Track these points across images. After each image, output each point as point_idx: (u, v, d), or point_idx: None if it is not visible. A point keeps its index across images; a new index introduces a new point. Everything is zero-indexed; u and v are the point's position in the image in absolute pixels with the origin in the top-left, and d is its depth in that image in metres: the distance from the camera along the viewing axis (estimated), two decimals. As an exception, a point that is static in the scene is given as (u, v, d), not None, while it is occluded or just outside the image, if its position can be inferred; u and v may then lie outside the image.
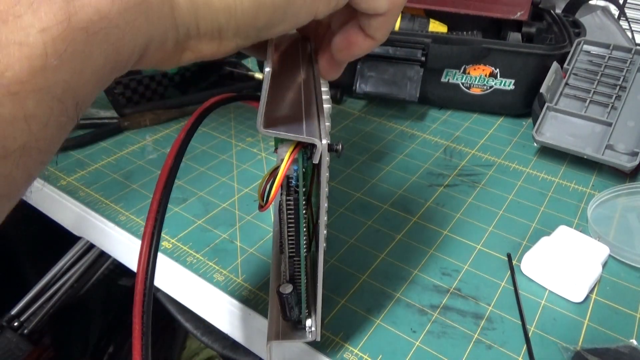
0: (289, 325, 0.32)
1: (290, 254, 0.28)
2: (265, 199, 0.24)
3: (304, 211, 0.26)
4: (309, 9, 0.22)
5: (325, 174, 0.24)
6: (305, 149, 0.24)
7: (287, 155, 0.23)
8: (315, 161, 0.23)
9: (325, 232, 0.27)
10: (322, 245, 0.27)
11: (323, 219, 0.26)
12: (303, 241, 0.27)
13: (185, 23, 0.20)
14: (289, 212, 0.26)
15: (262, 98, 0.22)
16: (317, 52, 0.30)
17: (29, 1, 0.15)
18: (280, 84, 0.26)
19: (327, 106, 0.29)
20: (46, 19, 0.15)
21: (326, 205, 0.26)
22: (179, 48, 0.22)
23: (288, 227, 0.27)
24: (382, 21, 0.25)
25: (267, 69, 0.23)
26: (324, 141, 0.22)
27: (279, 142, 0.24)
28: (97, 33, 0.17)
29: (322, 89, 0.28)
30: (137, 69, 0.21)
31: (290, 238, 0.27)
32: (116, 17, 0.17)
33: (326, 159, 0.24)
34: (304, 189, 0.26)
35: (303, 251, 0.28)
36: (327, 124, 0.31)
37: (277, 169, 0.24)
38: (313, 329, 0.31)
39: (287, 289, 0.28)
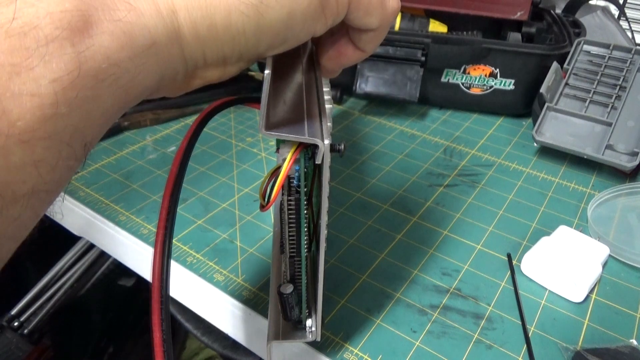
0: (289, 325, 0.32)
1: (291, 254, 0.28)
2: (266, 199, 0.24)
3: (305, 211, 0.26)
4: (307, 30, 0.23)
5: (326, 175, 0.24)
6: (307, 149, 0.24)
7: (289, 156, 0.23)
8: (318, 161, 0.23)
9: (325, 232, 0.27)
10: (322, 245, 0.27)
11: (324, 219, 0.26)
12: (304, 241, 0.27)
13: (194, 58, 0.21)
14: (290, 212, 0.26)
15: (262, 100, 0.22)
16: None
17: (41, 53, 0.15)
18: (282, 84, 0.26)
19: (328, 106, 0.29)
20: (57, 69, 0.16)
21: (327, 205, 0.26)
22: (187, 78, 0.23)
23: (289, 227, 0.27)
24: (373, 36, 0.26)
25: (267, 72, 0.23)
26: (326, 142, 0.22)
27: (280, 142, 0.24)
28: (107, 79, 0.17)
29: (324, 89, 0.28)
30: (148, 99, 0.21)
31: (291, 238, 0.27)
32: (126, 62, 0.18)
33: (328, 159, 0.24)
34: (305, 189, 0.26)
35: (304, 251, 0.28)
36: (329, 124, 0.31)
37: (278, 169, 0.24)
38: (313, 329, 0.31)
39: (288, 289, 0.28)
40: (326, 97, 0.28)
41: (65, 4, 0.16)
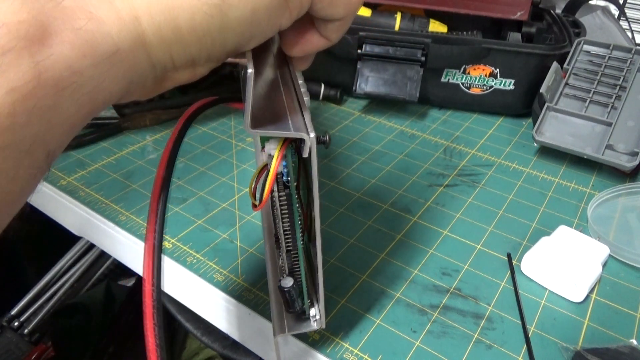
0: (292, 318, 0.32)
1: (288, 248, 0.28)
2: (258, 198, 0.25)
3: (297, 205, 0.27)
4: (273, 25, 0.23)
5: (315, 167, 0.25)
6: (291, 144, 0.25)
7: (276, 153, 0.24)
8: (305, 155, 0.24)
9: (319, 222, 0.27)
10: (318, 234, 0.27)
11: (317, 209, 0.26)
12: (299, 234, 0.28)
13: (162, 61, 0.21)
14: (282, 207, 0.26)
15: (247, 99, 0.22)
16: None
17: None
18: (260, 82, 0.26)
19: (306, 99, 0.29)
20: (14, 79, 0.16)
21: (318, 196, 0.26)
22: (158, 81, 0.23)
23: (283, 222, 0.27)
24: (339, 25, 0.26)
25: (250, 70, 0.23)
26: (312, 135, 0.23)
27: (265, 140, 0.24)
28: (68, 87, 0.17)
29: (299, 82, 0.28)
30: (120, 103, 0.21)
31: (286, 233, 0.28)
32: (89, 70, 0.18)
33: (315, 152, 0.24)
34: (294, 183, 0.26)
35: (300, 244, 0.28)
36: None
37: (265, 167, 0.24)
38: (318, 317, 0.31)
39: (289, 282, 0.29)
40: (302, 89, 0.28)
41: (22, 15, 0.16)
